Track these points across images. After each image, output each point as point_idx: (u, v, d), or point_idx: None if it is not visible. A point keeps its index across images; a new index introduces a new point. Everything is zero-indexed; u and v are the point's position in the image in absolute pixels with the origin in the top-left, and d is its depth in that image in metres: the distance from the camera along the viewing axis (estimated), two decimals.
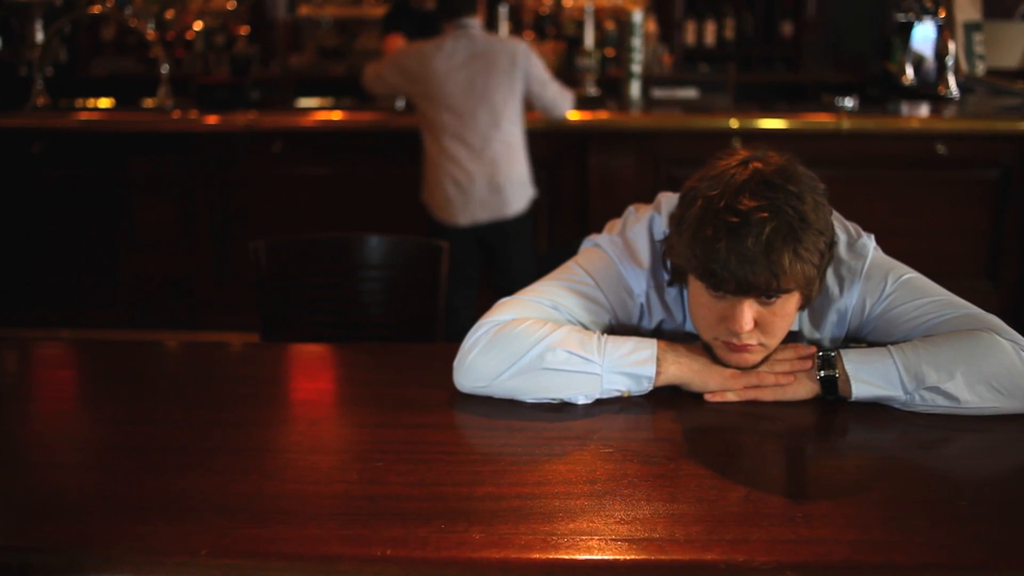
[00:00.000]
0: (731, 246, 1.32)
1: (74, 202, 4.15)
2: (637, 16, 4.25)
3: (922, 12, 4.70)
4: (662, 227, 1.55)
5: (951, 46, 4.42)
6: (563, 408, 1.45)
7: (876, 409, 1.44)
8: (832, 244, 1.42)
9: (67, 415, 1.52)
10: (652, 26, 5.89)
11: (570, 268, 1.59)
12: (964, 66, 4.70)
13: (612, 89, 4.62)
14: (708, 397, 1.47)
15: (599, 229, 1.69)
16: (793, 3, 6.41)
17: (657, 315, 1.57)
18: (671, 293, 1.56)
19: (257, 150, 4.05)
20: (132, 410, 1.50)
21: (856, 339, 1.56)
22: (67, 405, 1.56)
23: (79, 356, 1.80)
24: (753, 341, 1.41)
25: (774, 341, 1.44)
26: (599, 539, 1.11)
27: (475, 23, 3.51)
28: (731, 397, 1.46)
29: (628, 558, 1.08)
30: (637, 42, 4.24)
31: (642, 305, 1.57)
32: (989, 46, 4.83)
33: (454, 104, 3.45)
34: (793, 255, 1.33)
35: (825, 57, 6.35)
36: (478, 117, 3.46)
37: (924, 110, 4.18)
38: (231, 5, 6.30)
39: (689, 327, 1.54)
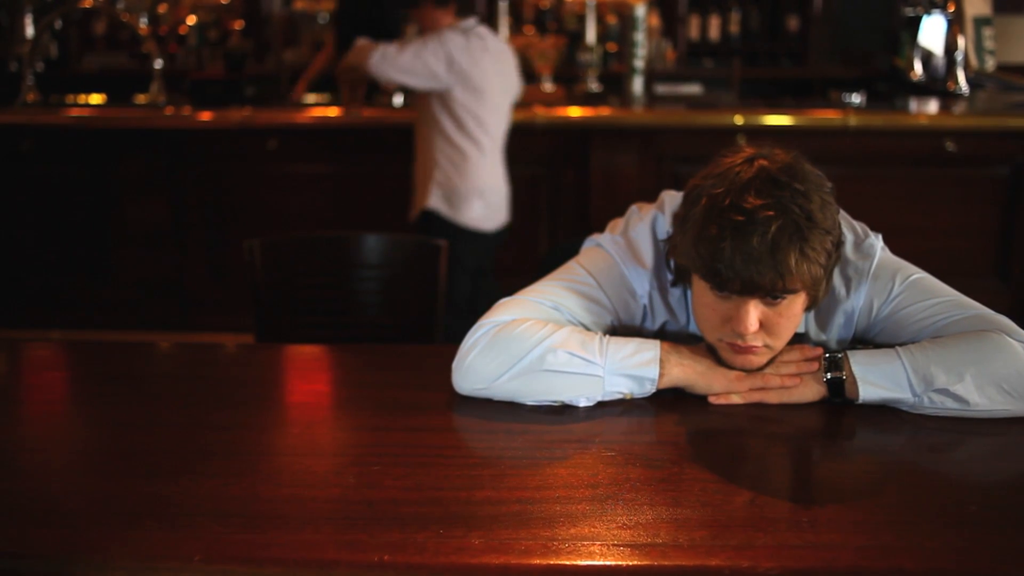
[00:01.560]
0: (736, 245, 1.32)
1: (64, 200, 4.15)
2: (640, 10, 4.25)
3: (931, 6, 4.70)
4: (665, 226, 1.55)
5: (960, 41, 4.42)
6: (564, 411, 1.45)
7: (884, 412, 1.44)
8: (839, 244, 1.42)
9: (57, 418, 1.52)
10: (655, 20, 5.89)
11: (571, 268, 1.59)
12: (974, 61, 4.70)
13: (614, 85, 4.62)
14: (712, 399, 1.47)
15: (601, 228, 1.69)
16: None
17: (660, 316, 1.57)
18: (675, 294, 1.56)
19: (252, 147, 4.05)
20: (123, 413, 1.50)
21: (863, 340, 1.56)
22: (57, 408, 1.56)
23: (69, 357, 1.80)
24: (758, 343, 1.41)
25: (780, 343, 1.44)
26: (601, 544, 1.11)
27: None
28: (736, 400, 1.46)
29: (631, 564, 1.08)
30: (640, 37, 4.24)
31: (645, 306, 1.57)
32: (999, 41, 4.84)
33: (495, 104, 3.40)
34: (799, 255, 1.33)
35: (832, 52, 6.35)
36: (504, 118, 3.47)
37: (933, 106, 4.18)
38: None
39: (693, 328, 1.54)
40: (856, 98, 4.10)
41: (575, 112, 3.94)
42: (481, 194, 3.41)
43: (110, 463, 1.34)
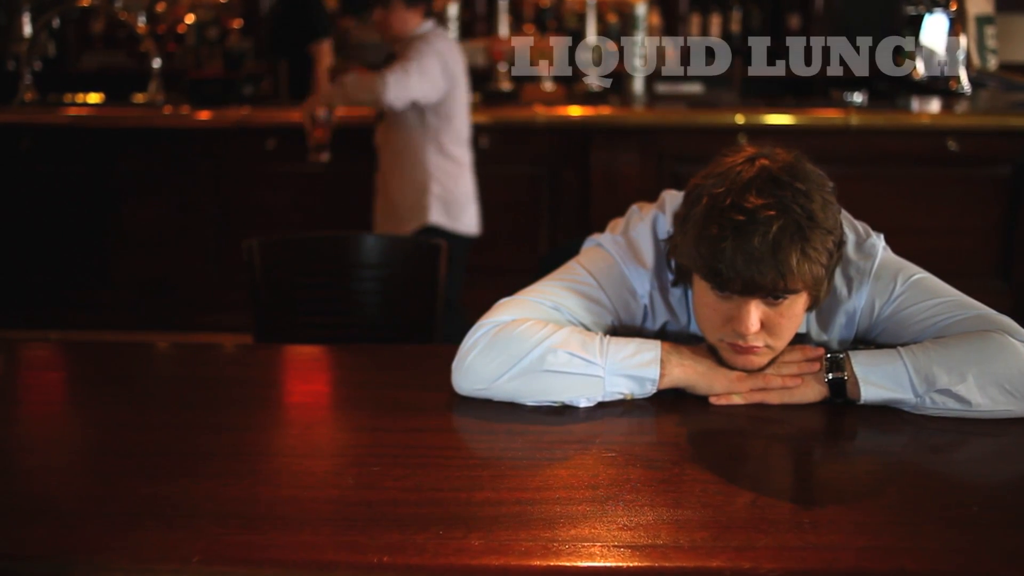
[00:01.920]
0: (737, 245, 1.32)
1: (63, 200, 4.15)
2: (640, 9, 4.25)
3: (932, 5, 4.70)
4: (666, 226, 1.55)
5: (962, 40, 4.42)
6: (564, 411, 1.45)
7: (885, 412, 1.44)
8: (841, 243, 1.42)
9: (55, 418, 1.52)
10: (656, 19, 5.89)
11: (572, 268, 1.59)
12: (976, 60, 4.70)
13: (615, 84, 4.62)
14: (713, 400, 1.47)
15: (601, 228, 1.69)
16: None
17: (661, 316, 1.57)
18: (675, 294, 1.56)
19: (250, 146, 4.05)
20: (122, 413, 1.50)
21: (865, 341, 1.56)
22: (55, 408, 1.56)
23: (67, 358, 1.80)
24: (759, 343, 1.41)
25: (781, 343, 1.44)
26: (601, 546, 1.11)
27: None
28: (737, 400, 1.46)
29: (631, 565, 1.08)
30: (640, 36, 4.24)
31: (645, 306, 1.57)
32: (1001, 40, 4.83)
33: (468, 105, 3.39)
34: (801, 255, 1.33)
35: (833, 51, 6.34)
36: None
37: (935, 105, 4.18)
38: None
39: (694, 328, 1.54)
40: (858, 97, 4.10)
41: (575, 111, 3.94)
42: (471, 199, 3.40)
43: (109, 464, 1.34)
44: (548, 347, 1.43)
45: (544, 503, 1.20)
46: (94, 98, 4.50)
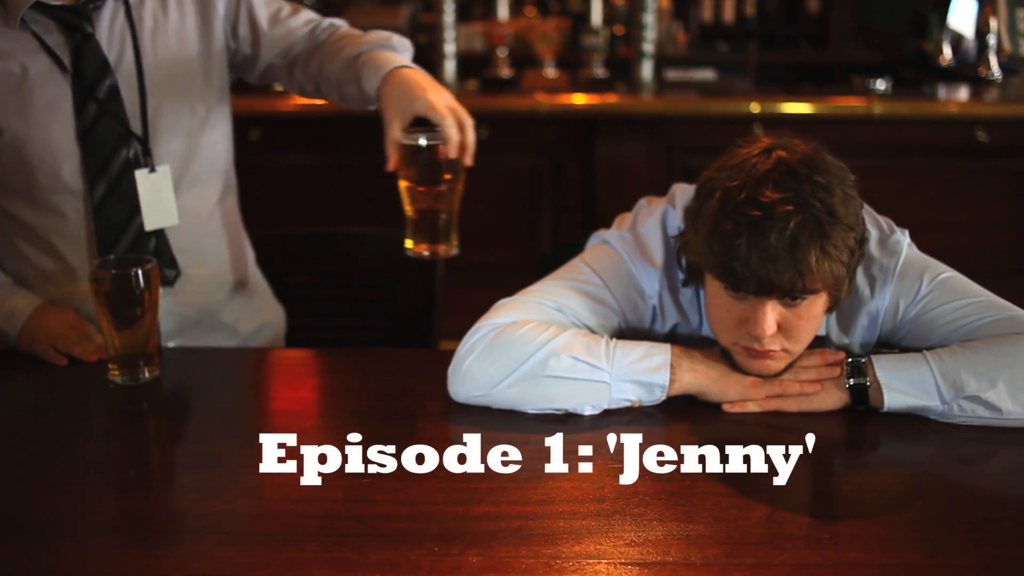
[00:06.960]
0: (752, 242, 1.32)
1: None
2: None
3: None
4: (676, 222, 1.55)
5: (993, 23, 4.42)
6: (568, 419, 1.45)
7: (910, 420, 1.44)
8: (862, 241, 1.42)
9: (25, 429, 1.51)
10: (665, 1, 5.89)
11: (576, 267, 1.59)
12: (1007, 45, 4.69)
13: (621, 70, 4.62)
14: (727, 407, 1.47)
15: (607, 224, 1.70)
16: None
17: (671, 318, 1.58)
18: (686, 294, 1.56)
19: (234, 137, 4.05)
20: (97, 422, 1.50)
21: (888, 344, 1.56)
22: (25, 419, 1.56)
23: (39, 364, 1.80)
24: (776, 346, 1.41)
25: (799, 346, 1.44)
26: (607, 563, 1.11)
27: None
28: (752, 407, 1.46)
29: None
30: (649, 19, 4.24)
31: (654, 307, 1.57)
32: None
33: None
34: (820, 252, 1.33)
35: (855, 35, 6.35)
36: None
37: (963, 93, 4.18)
38: None
39: (706, 331, 1.54)
40: (881, 84, 4.10)
41: (579, 99, 3.94)
42: None
43: (82, 476, 1.34)
44: (550, 351, 1.43)
45: (546, 517, 1.20)
46: None
